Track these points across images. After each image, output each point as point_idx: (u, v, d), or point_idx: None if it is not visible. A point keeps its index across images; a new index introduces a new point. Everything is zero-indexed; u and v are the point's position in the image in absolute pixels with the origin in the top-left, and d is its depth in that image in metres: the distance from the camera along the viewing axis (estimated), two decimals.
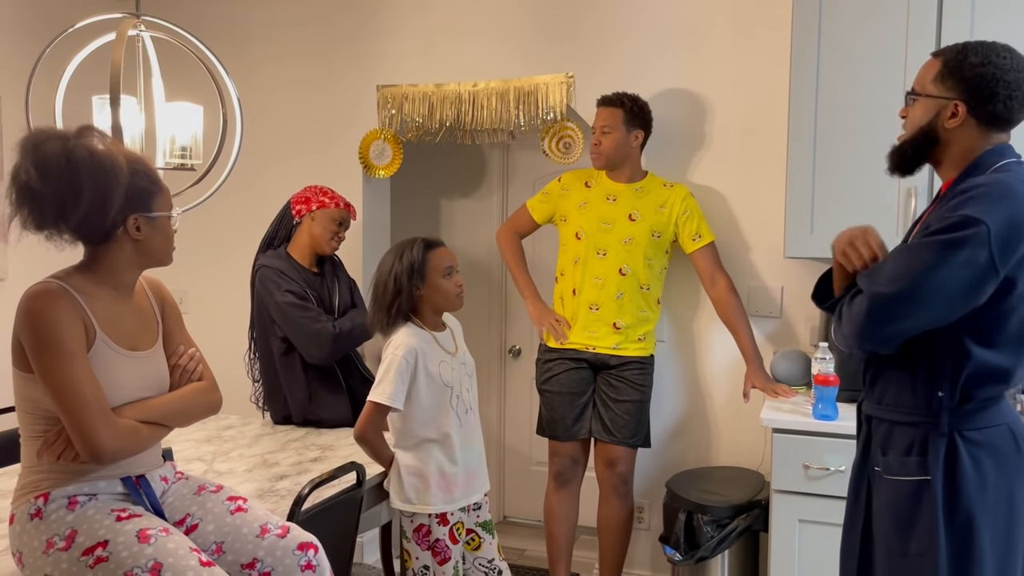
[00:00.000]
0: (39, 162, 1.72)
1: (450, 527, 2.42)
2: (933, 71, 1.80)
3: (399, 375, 2.34)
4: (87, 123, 1.87)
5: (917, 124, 1.82)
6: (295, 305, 2.92)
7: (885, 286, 1.69)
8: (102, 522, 1.77)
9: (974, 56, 1.74)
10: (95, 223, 1.78)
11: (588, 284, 3.17)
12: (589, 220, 3.19)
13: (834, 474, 2.64)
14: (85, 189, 1.73)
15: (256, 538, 1.89)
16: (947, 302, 1.66)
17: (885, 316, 1.69)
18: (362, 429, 2.40)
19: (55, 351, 1.71)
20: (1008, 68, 1.72)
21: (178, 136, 2.59)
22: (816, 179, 2.91)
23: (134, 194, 1.81)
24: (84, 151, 1.75)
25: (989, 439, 1.73)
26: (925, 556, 1.72)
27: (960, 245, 1.62)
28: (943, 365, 1.73)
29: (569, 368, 3.21)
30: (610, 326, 3.16)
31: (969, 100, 1.74)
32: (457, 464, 2.43)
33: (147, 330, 1.95)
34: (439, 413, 2.41)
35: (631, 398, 3.18)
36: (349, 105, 3.87)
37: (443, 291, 2.44)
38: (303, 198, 3.08)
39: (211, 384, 2.03)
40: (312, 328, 2.90)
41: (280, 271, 2.97)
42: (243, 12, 4.02)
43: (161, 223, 1.89)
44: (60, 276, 1.82)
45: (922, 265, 1.65)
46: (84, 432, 1.72)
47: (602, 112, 3.15)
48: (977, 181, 1.69)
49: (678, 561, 2.94)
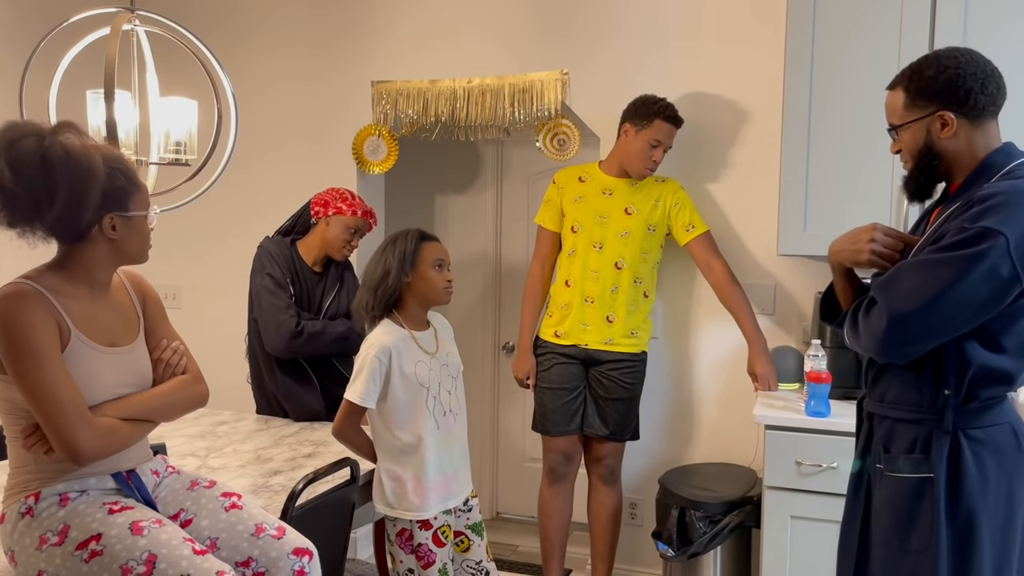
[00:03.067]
0: (13, 160, 1.69)
1: (433, 531, 2.39)
2: (900, 100, 1.82)
3: (371, 375, 2.33)
4: (66, 119, 1.83)
5: (914, 149, 1.82)
6: (269, 290, 2.91)
7: (905, 303, 1.67)
8: (94, 515, 1.76)
9: (928, 69, 1.76)
10: (70, 223, 1.76)
11: (583, 277, 3.18)
12: (585, 214, 3.19)
13: (826, 471, 2.65)
14: (60, 189, 1.70)
15: (251, 536, 1.88)
16: (970, 315, 1.65)
17: (906, 332, 1.68)
18: (339, 426, 2.40)
19: (28, 355, 1.69)
20: (963, 63, 1.74)
21: (173, 131, 2.58)
22: (810, 176, 2.91)
23: (110, 193, 1.78)
24: (60, 150, 1.71)
25: (992, 437, 1.74)
26: (925, 552, 1.73)
27: (981, 259, 1.61)
28: (950, 364, 1.73)
29: (561, 363, 3.22)
30: (603, 319, 3.17)
31: (950, 105, 1.75)
32: (431, 469, 2.38)
33: (126, 325, 1.93)
34: (414, 414, 2.38)
35: (620, 396, 3.19)
36: (343, 100, 3.86)
37: (431, 282, 2.42)
38: (323, 200, 3.05)
39: (195, 377, 2.01)
40: (276, 317, 2.89)
41: (270, 254, 2.98)
42: (236, 5, 4.01)
43: (137, 222, 1.86)
44: (32, 276, 1.79)
45: (945, 281, 1.63)
46: (61, 434, 1.70)
47: (673, 130, 3.13)
48: (993, 189, 1.67)
49: (671, 557, 2.96)
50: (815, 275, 3.24)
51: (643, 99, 3.13)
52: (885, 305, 1.71)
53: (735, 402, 3.38)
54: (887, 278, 1.75)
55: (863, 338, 1.77)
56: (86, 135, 1.81)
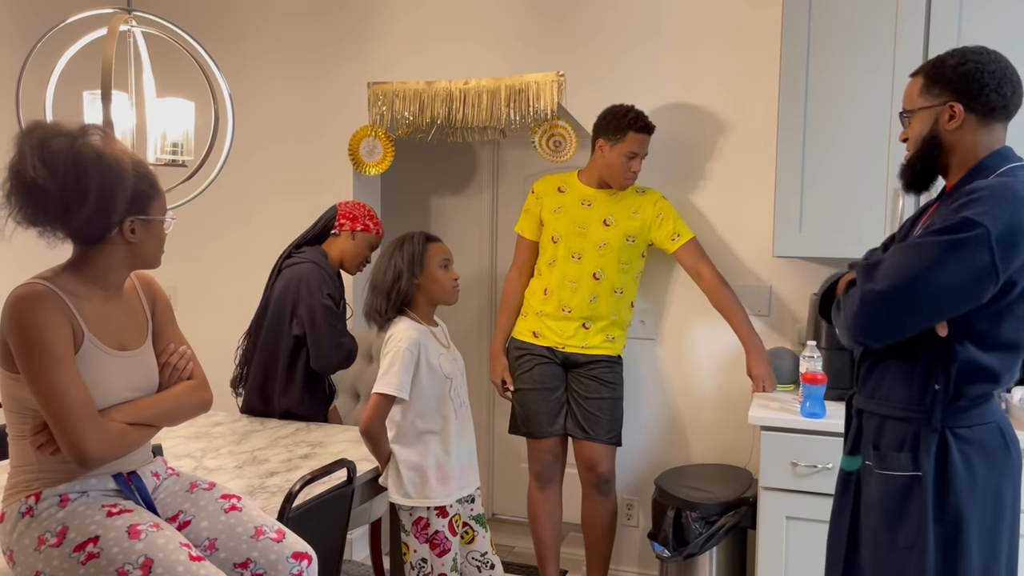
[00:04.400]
0: (47, 158, 1.69)
1: (449, 519, 2.46)
2: (917, 86, 1.84)
3: (404, 367, 2.39)
4: (90, 122, 1.86)
5: (919, 136, 1.84)
6: (330, 310, 2.93)
7: (880, 282, 1.71)
8: (92, 517, 1.76)
9: (951, 59, 1.79)
10: (97, 225, 1.77)
11: (561, 287, 3.18)
12: (564, 224, 3.19)
13: (822, 471, 2.66)
14: (91, 190, 1.71)
15: (251, 538, 1.88)
16: (943, 302, 1.68)
17: (879, 312, 1.72)
18: (368, 422, 2.42)
19: (42, 355, 1.69)
20: (987, 61, 1.77)
21: (169, 132, 2.58)
22: (805, 178, 2.92)
23: (135, 197, 1.79)
24: (92, 151, 1.73)
25: (979, 436, 1.76)
26: (913, 549, 1.74)
27: (960, 247, 1.64)
28: (938, 360, 1.75)
29: (540, 363, 3.22)
30: (579, 326, 3.19)
31: (961, 98, 1.77)
32: (452, 456, 2.47)
33: (136, 329, 1.94)
34: (440, 404, 2.46)
35: (602, 395, 3.19)
36: (339, 102, 3.86)
37: (440, 282, 2.51)
38: (352, 215, 3.06)
39: (201, 382, 2.02)
40: (338, 340, 2.93)
41: (329, 275, 3.00)
42: (233, 7, 4.00)
43: (155, 226, 1.88)
44: (47, 276, 1.79)
45: (920, 264, 1.67)
46: (71, 437, 1.70)
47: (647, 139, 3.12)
48: (981, 184, 1.71)
49: (667, 558, 2.96)
50: (810, 276, 3.25)
51: (612, 112, 3.10)
52: (860, 286, 1.74)
53: (730, 403, 3.38)
54: (870, 262, 1.79)
55: (842, 318, 1.81)
56: (113, 138, 1.82)
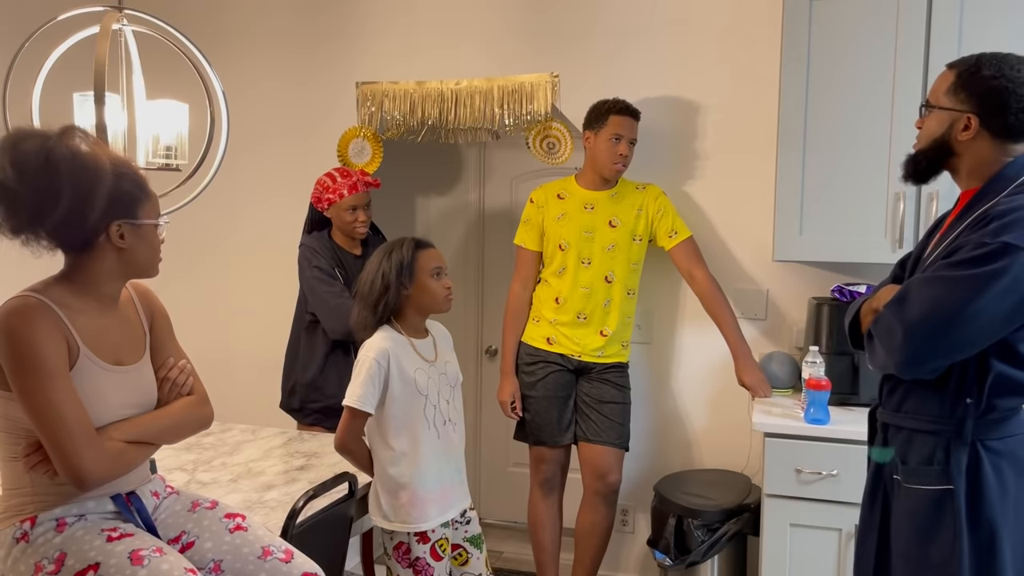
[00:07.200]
0: (17, 160, 1.63)
1: (431, 544, 2.35)
2: (947, 83, 1.80)
3: (369, 378, 2.28)
4: (71, 123, 1.77)
5: (931, 136, 1.82)
6: (320, 280, 3.04)
7: (921, 318, 1.68)
8: (92, 543, 1.68)
9: (987, 69, 1.75)
10: (74, 227, 1.68)
11: (574, 294, 3.13)
12: (570, 230, 3.14)
13: (826, 478, 2.64)
14: (64, 189, 1.63)
15: (258, 559, 1.81)
16: (994, 331, 1.66)
17: (924, 347, 1.69)
18: (341, 438, 2.33)
19: (35, 372, 1.62)
20: (1021, 81, 1.72)
21: (162, 135, 2.49)
22: (805, 181, 2.90)
23: (118, 198, 1.71)
24: (65, 150, 1.65)
25: (1010, 448, 1.74)
26: (947, 566, 1.72)
27: (1001, 275, 1.61)
28: (972, 375, 1.73)
29: (554, 371, 3.17)
30: (597, 333, 3.14)
31: (981, 113, 1.75)
32: (430, 480, 2.34)
33: (133, 343, 1.85)
34: (411, 422, 2.33)
35: (615, 399, 3.15)
36: (329, 102, 3.78)
37: (431, 292, 2.39)
38: (316, 196, 3.18)
39: (202, 398, 1.95)
40: (333, 302, 3.00)
41: (313, 249, 3.10)
42: (221, 7, 3.91)
43: (146, 231, 1.79)
44: (39, 289, 1.71)
45: (963, 299, 1.63)
46: (66, 457, 1.63)
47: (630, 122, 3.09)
48: (1012, 204, 1.68)
49: (669, 566, 2.93)
50: (807, 280, 3.24)
51: (594, 104, 3.13)
52: (899, 320, 1.70)
53: (724, 407, 3.36)
54: (900, 295, 1.75)
55: (880, 356, 1.77)
56: (95, 139, 1.74)
